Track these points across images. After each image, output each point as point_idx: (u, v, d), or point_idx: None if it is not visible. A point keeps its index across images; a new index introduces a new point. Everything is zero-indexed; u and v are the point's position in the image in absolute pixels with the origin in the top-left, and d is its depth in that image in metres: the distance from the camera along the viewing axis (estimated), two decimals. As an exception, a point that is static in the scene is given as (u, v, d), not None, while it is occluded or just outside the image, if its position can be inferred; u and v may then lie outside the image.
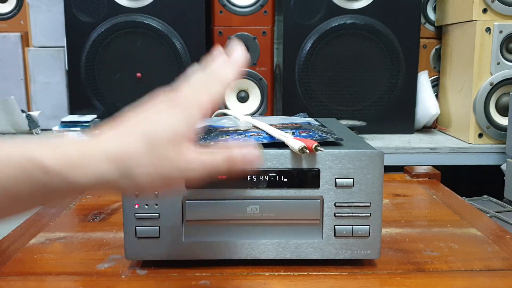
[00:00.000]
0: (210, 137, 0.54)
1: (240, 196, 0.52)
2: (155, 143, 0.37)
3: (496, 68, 1.53)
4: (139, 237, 0.52)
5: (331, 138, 0.55)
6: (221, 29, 1.70)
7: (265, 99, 1.73)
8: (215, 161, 0.39)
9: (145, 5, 1.63)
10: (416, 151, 1.55)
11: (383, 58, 1.64)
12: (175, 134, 0.37)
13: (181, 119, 0.38)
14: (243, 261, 0.53)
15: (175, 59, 1.64)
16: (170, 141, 0.37)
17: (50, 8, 1.74)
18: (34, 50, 1.76)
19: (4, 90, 1.77)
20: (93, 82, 1.66)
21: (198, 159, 0.38)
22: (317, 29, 1.62)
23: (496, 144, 1.57)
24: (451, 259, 0.56)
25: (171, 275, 0.52)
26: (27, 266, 0.55)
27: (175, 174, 0.37)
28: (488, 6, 1.51)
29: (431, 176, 0.92)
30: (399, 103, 1.68)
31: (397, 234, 0.64)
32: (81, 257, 0.57)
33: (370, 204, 0.52)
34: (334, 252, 0.53)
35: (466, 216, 0.72)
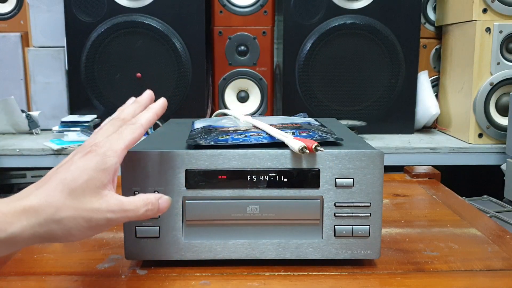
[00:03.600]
0: (210, 137, 0.54)
1: (240, 196, 0.52)
2: (73, 188, 0.39)
3: (496, 68, 1.53)
4: (139, 237, 0.52)
5: (331, 138, 0.55)
6: (221, 29, 1.70)
7: (265, 99, 1.73)
8: (135, 211, 0.42)
9: (145, 5, 1.63)
10: (416, 151, 1.55)
11: (383, 58, 1.64)
12: (91, 178, 0.40)
13: (94, 164, 0.41)
14: (243, 261, 0.53)
15: (175, 59, 1.64)
16: (88, 185, 0.40)
17: (50, 8, 1.74)
18: (34, 50, 1.76)
19: (4, 90, 1.77)
20: (93, 82, 1.66)
21: (118, 203, 0.41)
22: (317, 29, 1.62)
23: (496, 144, 1.57)
24: (451, 259, 0.56)
25: (171, 275, 0.52)
26: (27, 266, 0.55)
27: (97, 216, 0.40)
28: (488, 6, 1.51)
29: (431, 176, 0.92)
30: (399, 103, 1.68)
31: (397, 234, 0.64)
32: (81, 257, 0.57)
33: (370, 204, 0.52)
34: (334, 252, 0.53)
35: (466, 216, 0.72)
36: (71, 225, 0.39)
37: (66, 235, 0.40)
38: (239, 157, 0.51)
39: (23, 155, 1.50)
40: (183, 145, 0.53)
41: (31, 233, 0.38)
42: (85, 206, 0.40)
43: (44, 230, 0.39)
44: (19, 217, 0.38)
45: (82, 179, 0.40)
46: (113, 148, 0.42)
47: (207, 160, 0.51)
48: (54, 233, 0.39)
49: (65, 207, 0.39)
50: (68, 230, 0.39)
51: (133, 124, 0.45)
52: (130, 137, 0.44)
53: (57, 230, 0.39)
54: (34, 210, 0.38)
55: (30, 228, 0.38)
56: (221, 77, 1.73)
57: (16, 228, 0.38)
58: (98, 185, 0.41)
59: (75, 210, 0.39)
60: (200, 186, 0.52)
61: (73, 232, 0.40)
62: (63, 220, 0.39)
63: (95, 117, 1.65)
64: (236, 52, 1.72)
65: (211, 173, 0.51)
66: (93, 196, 0.40)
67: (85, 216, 0.40)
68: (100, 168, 0.41)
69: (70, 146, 1.51)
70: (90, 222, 0.40)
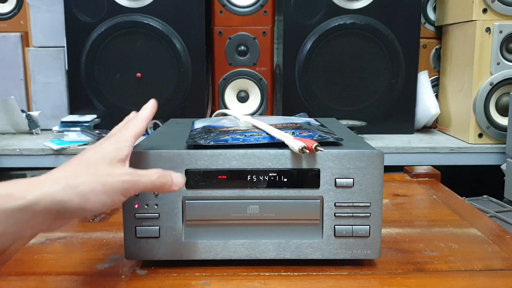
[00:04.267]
0: (210, 137, 0.54)
1: (240, 196, 0.52)
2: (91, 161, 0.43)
3: (496, 68, 1.53)
4: (139, 237, 0.52)
5: (331, 138, 0.55)
6: (221, 29, 1.70)
7: (265, 99, 1.73)
8: (149, 176, 0.45)
9: (145, 5, 1.63)
10: (416, 151, 1.55)
11: (383, 58, 1.64)
12: (107, 153, 0.44)
13: (108, 146, 0.46)
14: (243, 261, 0.53)
15: (175, 59, 1.64)
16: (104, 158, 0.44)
17: (50, 8, 1.74)
18: (34, 50, 1.76)
19: (4, 90, 1.77)
20: (93, 82, 1.66)
21: (132, 170, 0.45)
22: (317, 29, 1.62)
23: (496, 144, 1.57)
24: (451, 259, 0.56)
25: (171, 275, 0.52)
26: (27, 266, 0.55)
27: (112, 179, 0.43)
28: (488, 6, 1.51)
29: (431, 176, 0.92)
30: (399, 103, 1.68)
31: (397, 234, 0.64)
32: (81, 257, 0.57)
33: (370, 204, 0.52)
34: (334, 252, 0.53)
35: (466, 216, 0.72)
36: (87, 190, 0.41)
37: (83, 202, 0.41)
38: (239, 157, 0.51)
39: (23, 155, 1.50)
40: (183, 145, 0.53)
41: (48, 201, 0.39)
42: (101, 172, 0.43)
43: (61, 197, 0.40)
44: (38, 185, 0.40)
45: (98, 154, 0.44)
46: (123, 135, 0.47)
47: (207, 160, 0.51)
48: (71, 200, 0.40)
49: (82, 173, 0.42)
50: (84, 195, 0.41)
51: (136, 118, 0.50)
52: (135, 128, 0.49)
53: (74, 197, 0.40)
54: (52, 179, 0.41)
55: (49, 195, 0.40)
56: (221, 77, 1.73)
57: (35, 195, 0.39)
58: (113, 158, 0.44)
59: (91, 176, 0.42)
60: (200, 186, 0.52)
61: (89, 197, 0.41)
62: (80, 185, 0.41)
63: (95, 117, 1.65)
64: (236, 52, 1.72)
65: (211, 173, 0.51)
66: (109, 165, 0.44)
67: (101, 180, 0.42)
68: (115, 147, 0.45)
69: (70, 146, 1.51)
70: (106, 186, 0.42)
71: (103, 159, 0.44)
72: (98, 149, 0.45)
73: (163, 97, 1.66)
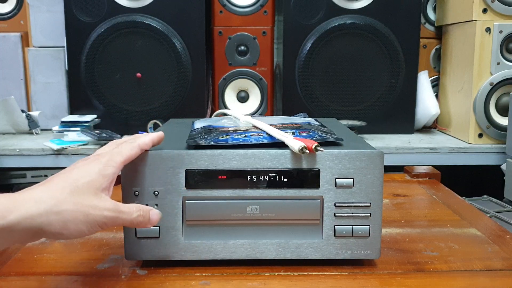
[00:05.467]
0: (210, 137, 0.54)
1: (240, 196, 0.52)
2: (76, 186, 0.43)
3: (496, 68, 1.53)
4: (139, 237, 0.52)
5: (331, 138, 0.55)
6: (221, 29, 1.70)
7: (265, 99, 1.73)
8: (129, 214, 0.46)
9: (145, 5, 1.63)
10: (416, 151, 1.55)
11: (383, 58, 1.64)
12: (93, 180, 0.44)
13: (96, 169, 0.45)
14: (243, 261, 0.53)
15: (175, 59, 1.64)
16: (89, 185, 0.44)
17: (50, 8, 1.74)
18: (34, 50, 1.76)
19: (4, 90, 1.77)
20: (93, 82, 1.66)
21: (115, 204, 0.45)
22: (317, 29, 1.62)
23: (496, 144, 1.57)
24: (451, 259, 0.56)
25: (171, 275, 0.52)
26: (27, 266, 0.55)
27: (95, 212, 0.43)
28: (488, 6, 1.51)
29: (431, 176, 0.92)
30: (399, 103, 1.68)
31: (397, 234, 0.64)
32: (81, 257, 0.57)
33: (370, 204, 0.52)
34: (334, 252, 0.53)
35: (466, 216, 0.72)
36: (69, 218, 0.42)
37: (61, 229, 0.42)
38: (239, 157, 0.51)
39: (23, 155, 1.50)
40: (183, 145, 0.53)
41: (28, 223, 0.40)
42: (84, 202, 0.43)
43: (42, 220, 0.40)
44: (19, 206, 0.40)
45: (84, 179, 0.44)
46: (113, 159, 0.47)
47: (207, 160, 0.51)
48: (51, 225, 0.41)
49: (66, 201, 0.42)
50: (65, 223, 0.41)
51: (131, 143, 0.49)
52: (128, 153, 0.48)
53: (55, 222, 0.41)
54: (35, 200, 0.41)
55: (29, 217, 0.40)
56: (221, 77, 1.73)
57: (15, 216, 0.39)
58: (98, 187, 0.44)
59: (74, 205, 0.42)
60: (200, 186, 0.52)
61: (69, 226, 0.42)
62: (63, 212, 0.41)
63: (95, 117, 1.65)
64: (236, 52, 1.72)
65: (211, 173, 0.51)
66: (93, 195, 0.44)
67: (84, 211, 0.42)
68: (102, 173, 0.45)
69: (70, 146, 1.51)
70: (87, 217, 0.43)
71: (89, 188, 0.44)
72: (86, 172, 0.45)
73: (163, 97, 1.66)
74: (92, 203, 0.43)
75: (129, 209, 0.46)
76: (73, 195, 0.43)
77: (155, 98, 1.66)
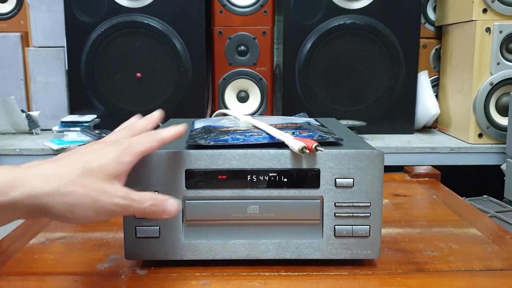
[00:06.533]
0: (210, 137, 0.54)
1: (240, 196, 0.52)
2: (88, 168, 0.40)
3: (496, 68, 1.53)
4: (139, 237, 0.52)
5: (331, 138, 0.55)
6: (221, 29, 1.70)
7: (265, 99, 1.73)
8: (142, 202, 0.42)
9: (145, 5, 1.63)
10: (416, 151, 1.55)
11: (383, 58, 1.64)
12: (107, 164, 0.41)
13: (113, 154, 0.42)
14: (243, 261, 0.53)
15: (175, 59, 1.64)
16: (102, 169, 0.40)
17: (50, 8, 1.74)
18: (34, 50, 1.76)
19: (4, 90, 1.77)
20: (93, 82, 1.66)
21: (126, 192, 0.41)
22: (317, 29, 1.62)
23: (496, 144, 1.57)
24: (451, 259, 0.56)
25: (171, 275, 0.52)
26: (27, 266, 0.55)
27: (105, 198, 0.40)
28: (488, 6, 1.51)
29: (431, 176, 0.92)
30: (399, 103, 1.68)
31: (397, 234, 0.64)
32: (81, 257, 0.57)
33: (370, 204, 0.52)
34: (334, 252, 0.53)
35: (466, 216, 0.72)
36: (76, 202, 0.38)
37: (66, 212, 0.38)
38: (239, 157, 0.51)
39: (23, 155, 1.50)
40: (183, 145, 0.53)
41: (31, 202, 0.37)
42: (94, 186, 0.40)
43: (46, 200, 0.38)
44: (23, 182, 0.37)
45: (98, 162, 0.41)
46: (132, 147, 0.44)
47: (207, 160, 0.51)
48: (56, 207, 0.38)
49: (75, 183, 0.39)
50: (71, 206, 0.38)
51: (153, 136, 0.46)
52: (149, 145, 0.45)
53: (60, 205, 0.38)
54: (41, 177, 0.38)
55: (33, 195, 0.37)
56: (221, 77, 1.73)
57: (18, 193, 0.37)
58: (111, 172, 0.41)
59: (83, 188, 0.39)
60: (200, 186, 0.52)
61: (75, 210, 0.39)
62: (70, 194, 0.38)
63: (95, 117, 1.65)
64: (236, 52, 1.72)
65: (211, 173, 0.51)
66: (104, 180, 0.40)
67: (93, 196, 0.39)
68: (117, 159, 0.42)
69: (70, 146, 1.51)
70: (96, 203, 0.39)
71: (101, 171, 0.40)
72: (100, 155, 0.42)
73: (163, 97, 1.66)
74: (103, 188, 0.40)
75: (141, 197, 0.42)
76: (84, 177, 0.39)
77: (155, 98, 1.66)
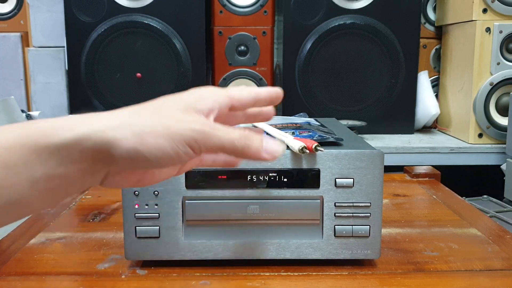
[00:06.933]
0: (210, 137, 0.54)
1: (240, 196, 0.52)
2: (161, 106, 0.35)
3: (496, 68, 1.53)
4: (139, 237, 0.52)
5: (331, 138, 0.55)
6: (221, 29, 1.70)
7: (265, 99, 1.73)
8: (229, 132, 0.33)
9: (145, 5, 1.63)
10: (416, 151, 1.55)
11: (383, 58, 1.64)
12: (185, 100, 0.35)
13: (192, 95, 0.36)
14: (243, 261, 0.53)
15: (175, 59, 1.64)
16: (178, 105, 0.35)
17: (50, 8, 1.74)
18: (34, 50, 1.76)
19: (4, 90, 1.77)
20: (93, 82, 1.66)
21: (210, 123, 0.34)
22: (317, 29, 1.62)
23: (496, 144, 1.57)
24: (451, 259, 0.56)
25: (171, 275, 0.52)
26: (27, 266, 0.55)
27: (178, 126, 0.33)
28: (488, 6, 1.51)
29: (431, 176, 0.92)
30: (399, 103, 1.68)
31: (397, 234, 0.64)
32: (81, 257, 0.57)
33: (370, 204, 0.52)
34: (334, 252, 0.53)
35: (466, 216, 0.72)
36: (146, 129, 0.32)
37: (136, 144, 0.32)
38: (239, 157, 0.51)
39: (23, 155, 1.50)
40: (183, 145, 0.53)
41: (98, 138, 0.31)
42: (168, 114, 0.34)
43: (113, 134, 0.32)
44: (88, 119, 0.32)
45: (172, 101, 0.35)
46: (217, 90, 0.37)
47: (207, 160, 0.51)
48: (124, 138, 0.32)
49: (144, 111, 0.34)
50: (140, 134, 0.32)
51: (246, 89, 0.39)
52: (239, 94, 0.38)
53: (129, 135, 0.32)
54: (107, 116, 0.33)
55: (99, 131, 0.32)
56: (221, 77, 1.73)
57: (83, 129, 0.32)
58: (190, 104, 0.35)
59: (152, 114, 0.34)
60: (200, 186, 0.52)
61: (145, 137, 0.32)
62: (138, 123, 0.33)
63: (95, 117, 1.65)
64: (236, 52, 1.72)
65: (211, 173, 0.51)
66: (181, 111, 0.34)
67: (165, 123, 0.33)
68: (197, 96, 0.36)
69: (70, 146, 1.51)
70: (169, 129, 0.32)
71: (176, 105, 0.35)
72: (173, 97, 0.35)
73: (163, 97, 1.66)
74: (178, 116, 0.33)
75: (228, 128, 0.34)
76: (154, 109, 0.34)
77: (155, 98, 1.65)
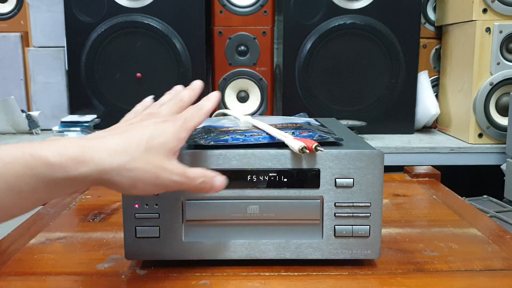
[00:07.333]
0: (210, 137, 0.54)
1: (240, 196, 0.52)
2: (151, 145, 0.42)
3: (496, 68, 1.53)
4: (139, 237, 0.52)
5: (331, 138, 0.55)
6: (221, 29, 1.70)
7: (265, 99, 1.73)
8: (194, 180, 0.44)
9: (145, 5, 1.63)
10: (416, 151, 1.55)
11: (383, 58, 1.64)
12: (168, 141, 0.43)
13: (172, 131, 0.44)
14: (243, 261, 0.53)
15: (175, 59, 1.64)
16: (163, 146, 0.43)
17: (50, 8, 1.74)
18: (34, 50, 1.76)
19: (4, 90, 1.77)
20: (93, 82, 1.66)
21: (183, 169, 0.44)
22: (317, 29, 1.62)
23: (496, 144, 1.57)
24: (451, 259, 0.56)
25: (171, 275, 0.52)
26: (27, 266, 0.55)
27: (164, 175, 0.42)
28: (488, 6, 1.51)
29: (431, 176, 0.92)
30: (399, 103, 1.68)
31: (397, 234, 0.64)
32: (81, 257, 0.57)
33: (370, 204, 0.52)
34: (334, 252, 0.53)
35: (466, 216, 0.72)
36: (140, 177, 0.41)
37: (130, 186, 0.41)
38: (239, 157, 0.51)
39: (23, 155, 1.50)
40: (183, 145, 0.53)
41: (99, 176, 0.40)
42: (156, 163, 0.42)
43: (113, 174, 0.40)
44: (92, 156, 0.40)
45: (160, 140, 0.43)
46: (188, 124, 0.46)
47: (207, 160, 0.51)
48: (120, 181, 0.41)
49: (139, 159, 0.41)
50: (135, 181, 0.41)
51: (201, 109, 0.48)
52: (198, 120, 0.47)
53: (125, 179, 0.41)
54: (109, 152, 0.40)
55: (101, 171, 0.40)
56: (221, 77, 1.73)
57: (88, 168, 0.39)
58: (171, 149, 0.44)
59: (147, 164, 0.42)
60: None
61: (138, 184, 0.41)
62: (135, 170, 0.41)
63: (95, 117, 1.65)
64: (236, 52, 1.72)
65: (211, 173, 0.51)
66: (165, 157, 0.43)
67: (155, 172, 0.42)
68: (177, 136, 0.44)
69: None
70: (157, 179, 0.42)
71: (163, 149, 0.43)
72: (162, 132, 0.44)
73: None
74: (163, 165, 0.43)
75: (194, 175, 0.45)
76: (147, 154, 0.42)
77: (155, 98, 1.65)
